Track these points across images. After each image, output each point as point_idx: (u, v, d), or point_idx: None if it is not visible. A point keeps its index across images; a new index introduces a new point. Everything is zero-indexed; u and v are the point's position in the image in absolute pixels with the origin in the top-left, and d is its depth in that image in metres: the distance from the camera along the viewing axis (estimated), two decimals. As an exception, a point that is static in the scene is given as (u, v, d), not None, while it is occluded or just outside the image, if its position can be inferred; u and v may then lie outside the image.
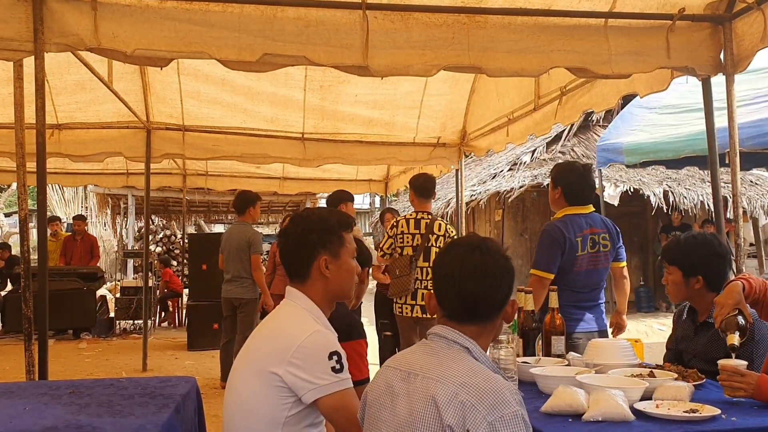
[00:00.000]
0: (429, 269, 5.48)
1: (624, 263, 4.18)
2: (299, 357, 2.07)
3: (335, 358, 2.10)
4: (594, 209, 4.12)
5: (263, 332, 2.28)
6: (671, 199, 11.59)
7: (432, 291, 1.90)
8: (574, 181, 4.05)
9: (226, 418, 2.23)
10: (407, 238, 5.73)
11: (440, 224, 5.81)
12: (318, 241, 2.26)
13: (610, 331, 4.13)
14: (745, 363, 2.37)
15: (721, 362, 2.37)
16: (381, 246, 5.89)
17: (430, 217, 5.82)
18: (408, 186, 6.09)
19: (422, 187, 5.91)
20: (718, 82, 4.21)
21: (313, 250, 2.26)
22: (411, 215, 5.85)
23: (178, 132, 7.55)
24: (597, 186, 9.77)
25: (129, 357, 8.54)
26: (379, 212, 7.04)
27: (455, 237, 5.71)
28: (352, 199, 6.58)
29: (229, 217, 20.63)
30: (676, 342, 3.06)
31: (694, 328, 2.95)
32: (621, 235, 4.13)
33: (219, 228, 22.32)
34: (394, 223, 5.87)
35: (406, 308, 5.67)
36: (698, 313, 2.96)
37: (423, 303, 5.54)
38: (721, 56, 4.07)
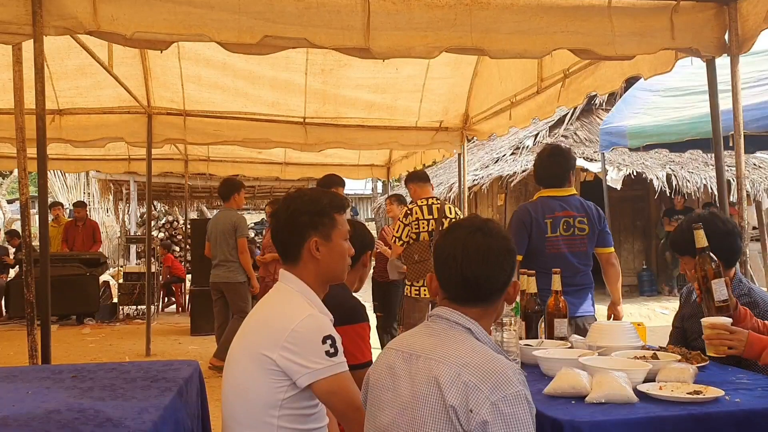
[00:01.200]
0: None
1: (610, 249, 4.10)
2: (292, 341, 2.06)
3: (329, 342, 2.07)
4: (575, 192, 4.12)
5: (257, 316, 2.27)
6: (674, 182, 11.55)
7: (433, 273, 1.88)
8: (544, 164, 4.11)
9: (224, 402, 2.23)
10: (423, 224, 5.95)
11: (449, 207, 6.08)
12: (309, 223, 2.22)
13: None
14: (730, 320, 2.40)
15: (707, 320, 2.40)
16: (398, 235, 6.03)
17: (439, 201, 6.06)
18: (405, 184, 6.23)
19: (417, 176, 6.16)
20: (722, 64, 4.18)
21: (303, 232, 2.22)
22: (422, 202, 6.03)
23: (180, 117, 7.53)
24: (600, 170, 9.74)
25: (132, 342, 8.57)
26: (385, 198, 7.10)
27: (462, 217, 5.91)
28: (343, 184, 6.62)
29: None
30: (682, 320, 3.05)
31: (700, 308, 2.93)
32: (604, 219, 4.08)
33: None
34: (408, 212, 6.03)
35: (425, 290, 5.83)
36: None
37: None
38: (726, 37, 4.03)
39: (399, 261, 6.11)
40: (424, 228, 5.93)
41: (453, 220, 5.87)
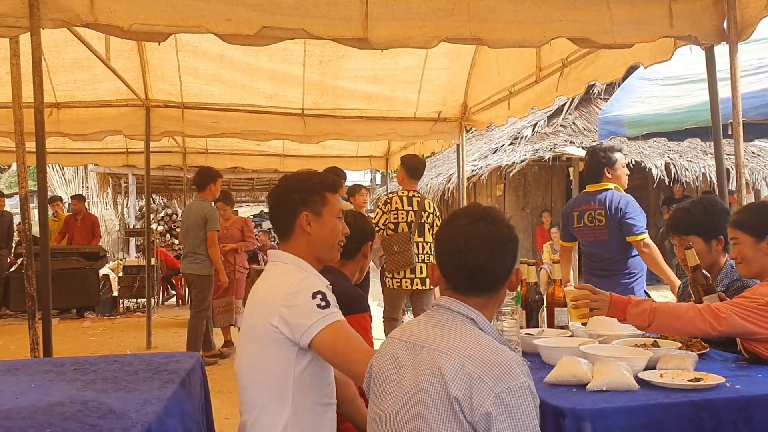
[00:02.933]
0: (423, 244, 5.94)
1: (635, 237, 4.34)
2: (287, 304, 2.14)
3: (319, 296, 2.15)
4: (609, 187, 4.51)
5: (255, 297, 2.32)
6: (673, 171, 11.56)
7: (435, 263, 1.88)
8: (584, 164, 4.73)
9: (240, 385, 2.29)
10: (402, 214, 5.98)
11: (428, 202, 6.15)
12: (300, 200, 2.33)
13: None
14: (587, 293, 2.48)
15: (569, 290, 2.57)
16: (375, 221, 6.01)
17: (419, 195, 6.12)
18: (400, 163, 6.22)
19: (414, 168, 6.14)
20: (720, 52, 4.17)
21: (295, 208, 2.32)
22: (402, 193, 6.07)
23: (178, 109, 7.52)
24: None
25: (133, 335, 8.58)
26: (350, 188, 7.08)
27: (438, 214, 6.14)
28: (344, 177, 6.77)
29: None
30: None
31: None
32: (623, 210, 4.34)
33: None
34: (387, 200, 6.05)
35: (406, 282, 5.90)
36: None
37: (422, 276, 5.86)
38: (725, 24, 4.03)
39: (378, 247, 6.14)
40: (403, 218, 5.94)
41: (431, 214, 6.03)
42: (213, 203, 7.01)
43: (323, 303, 2.14)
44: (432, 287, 5.77)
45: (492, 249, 1.78)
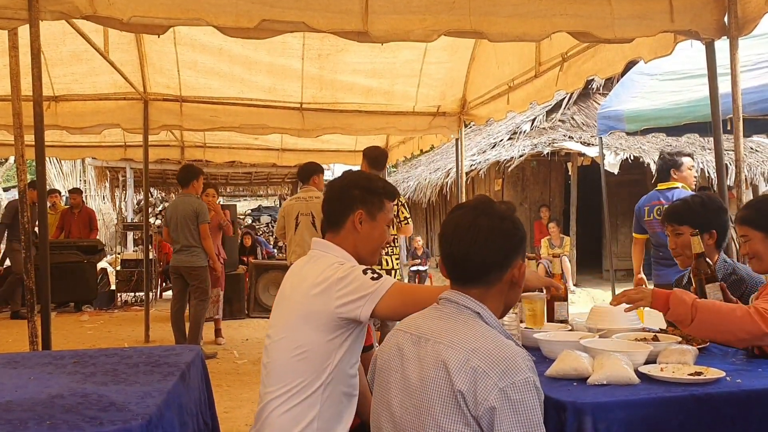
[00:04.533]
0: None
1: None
2: (341, 287, 2.17)
3: (369, 272, 2.20)
4: (677, 186, 5.11)
5: (296, 284, 2.32)
6: (671, 167, 11.54)
7: None
8: (657, 165, 5.49)
9: (270, 368, 2.29)
10: None
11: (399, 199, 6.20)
12: (359, 198, 2.37)
13: None
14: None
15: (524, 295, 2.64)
16: None
17: None
18: (363, 156, 6.21)
19: (376, 159, 6.14)
20: (720, 47, 4.17)
21: (352, 203, 2.36)
22: None
23: (176, 103, 7.50)
24: (597, 154, 9.75)
25: (131, 329, 8.58)
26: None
27: (403, 202, 6.16)
28: (322, 171, 6.81)
29: (228, 189, 20.57)
30: None
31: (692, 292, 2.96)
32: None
33: (218, 200, 22.22)
34: None
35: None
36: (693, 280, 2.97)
37: (388, 267, 5.85)
38: (725, 19, 4.02)
39: None
40: None
41: (400, 205, 6.01)
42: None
43: (375, 275, 2.19)
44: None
45: (475, 239, 1.78)
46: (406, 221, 5.95)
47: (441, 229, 1.88)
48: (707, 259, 2.69)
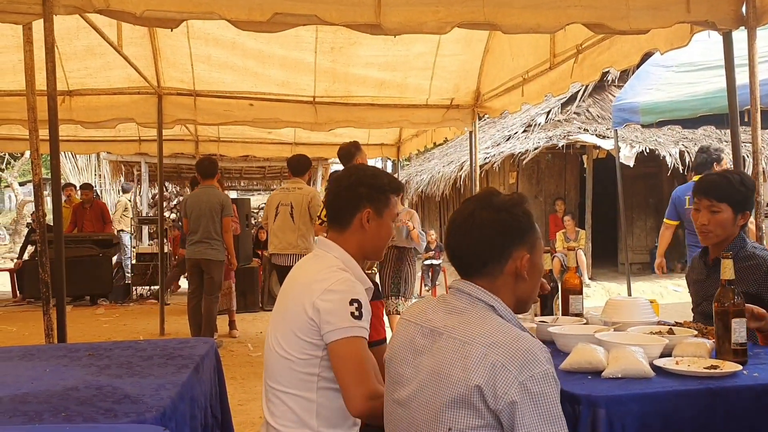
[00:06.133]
0: None
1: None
2: (325, 299, 2.13)
3: (355, 305, 2.13)
4: None
5: (292, 282, 2.31)
6: (687, 159, 11.45)
7: None
8: (696, 158, 5.87)
9: (266, 367, 2.29)
10: None
11: None
12: (366, 195, 2.31)
13: None
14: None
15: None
16: (319, 214, 6.13)
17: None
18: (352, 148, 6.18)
19: (349, 155, 6.06)
20: (738, 38, 4.11)
21: (360, 201, 2.31)
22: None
23: (190, 97, 7.53)
24: (612, 147, 9.69)
25: (146, 322, 8.63)
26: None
27: None
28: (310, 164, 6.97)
29: (242, 183, 20.64)
30: (690, 287, 3.05)
31: (707, 270, 2.91)
32: None
33: (232, 194, 22.33)
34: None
35: None
36: (711, 255, 2.90)
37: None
38: (743, 9, 3.97)
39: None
40: None
41: None
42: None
43: (357, 313, 2.12)
44: None
45: (470, 229, 1.78)
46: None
47: (448, 222, 1.89)
48: (736, 289, 2.31)
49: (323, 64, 7.01)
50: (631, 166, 10.83)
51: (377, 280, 6.86)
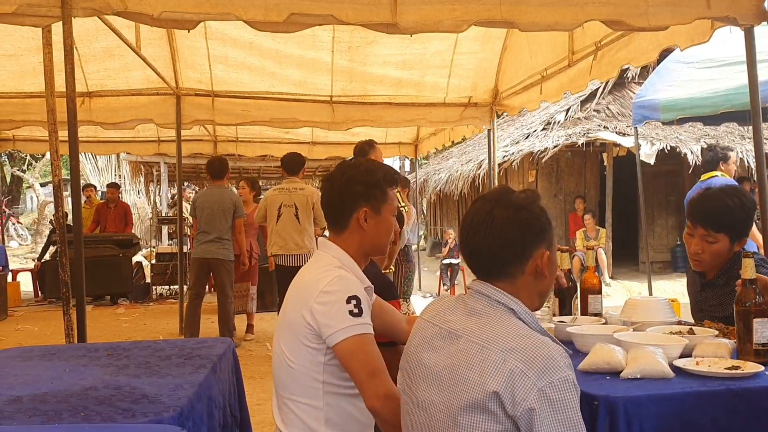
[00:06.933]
0: None
1: None
2: (320, 301, 2.08)
3: (353, 302, 2.08)
4: (716, 175, 5.66)
5: (295, 284, 2.28)
6: (709, 156, 11.31)
7: None
8: (703, 156, 6.09)
9: (274, 371, 2.27)
10: None
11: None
12: (362, 193, 2.23)
13: None
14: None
15: None
16: None
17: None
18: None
19: (362, 154, 6.05)
20: (761, 33, 4.06)
21: (355, 201, 2.23)
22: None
23: (208, 98, 7.56)
24: (633, 144, 9.61)
25: (166, 321, 8.69)
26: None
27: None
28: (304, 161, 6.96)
29: (261, 183, 20.68)
30: (688, 292, 2.99)
31: (700, 283, 2.86)
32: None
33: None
34: None
35: None
36: (706, 273, 2.80)
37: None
38: (765, 4, 3.91)
39: None
40: None
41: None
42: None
43: (356, 310, 2.07)
44: None
45: (490, 231, 1.72)
46: (404, 209, 5.94)
47: (462, 221, 1.83)
48: (757, 288, 2.25)
49: (340, 63, 7.01)
50: (652, 163, 10.74)
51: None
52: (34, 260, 11.92)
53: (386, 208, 2.27)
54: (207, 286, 7.17)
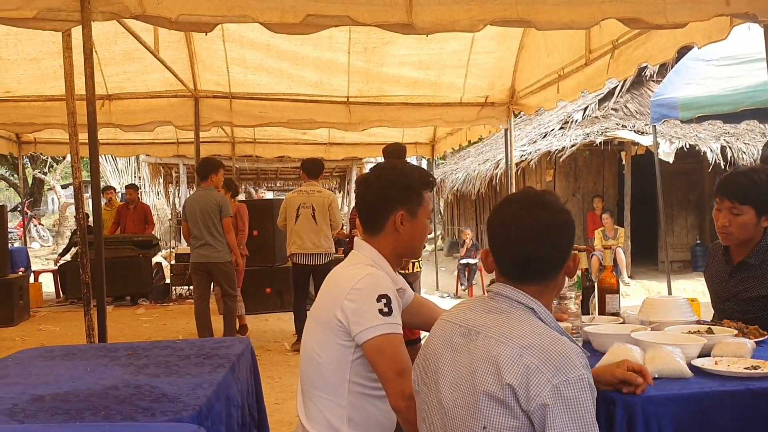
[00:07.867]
0: None
1: None
2: (351, 299, 2.10)
3: (383, 301, 2.09)
4: None
5: (328, 282, 2.29)
6: (729, 154, 11.21)
7: (488, 248, 1.84)
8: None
9: (301, 369, 2.28)
10: None
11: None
12: (398, 197, 2.24)
13: None
14: None
15: None
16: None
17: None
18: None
19: (396, 153, 6.14)
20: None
21: (391, 204, 2.24)
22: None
23: (226, 99, 7.62)
24: (651, 143, 9.54)
25: (185, 321, 8.74)
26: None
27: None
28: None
29: (278, 184, 20.82)
30: (710, 284, 2.96)
31: (729, 269, 2.83)
32: None
33: (268, 194, 22.55)
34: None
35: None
36: (733, 254, 2.81)
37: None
38: (785, 0, 3.87)
39: None
40: None
41: None
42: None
43: (386, 309, 2.08)
44: None
45: (544, 237, 1.72)
46: None
47: (491, 225, 1.80)
48: None
49: (356, 64, 7.03)
50: (671, 162, 10.65)
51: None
52: (56, 262, 12.04)
53: (422, 211, 2.28)
54: (212, 287, 7.15)
